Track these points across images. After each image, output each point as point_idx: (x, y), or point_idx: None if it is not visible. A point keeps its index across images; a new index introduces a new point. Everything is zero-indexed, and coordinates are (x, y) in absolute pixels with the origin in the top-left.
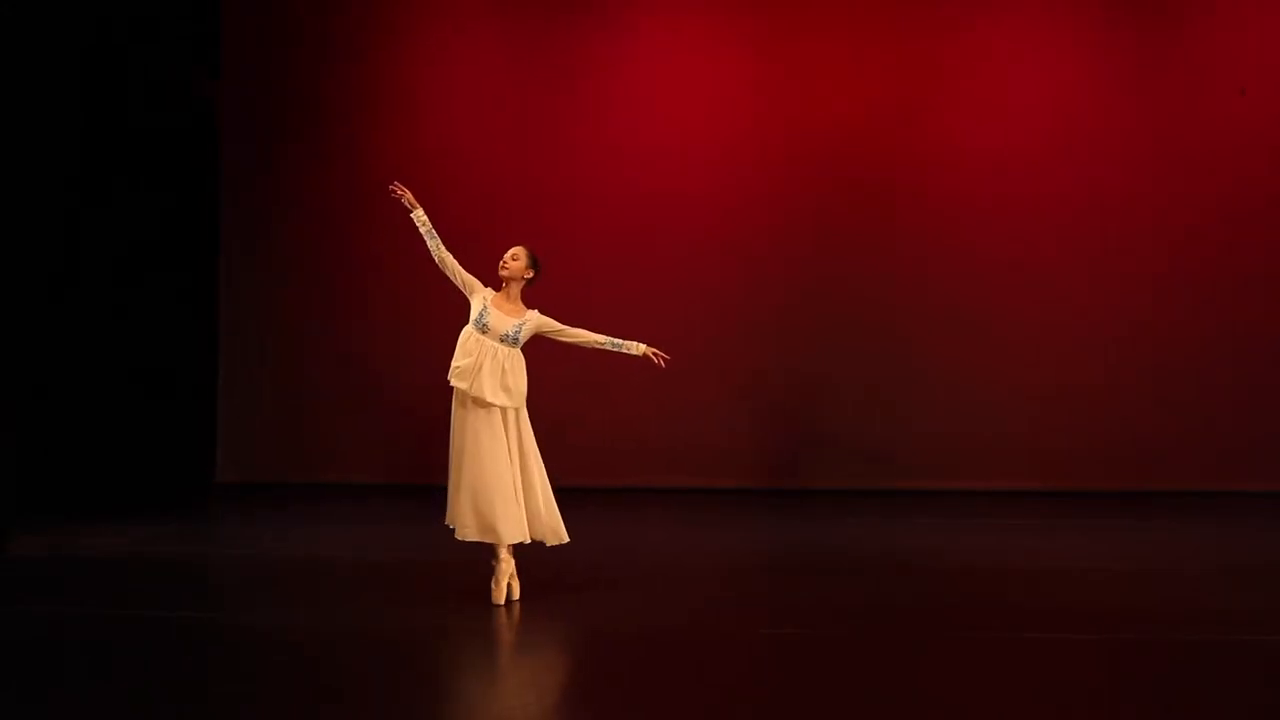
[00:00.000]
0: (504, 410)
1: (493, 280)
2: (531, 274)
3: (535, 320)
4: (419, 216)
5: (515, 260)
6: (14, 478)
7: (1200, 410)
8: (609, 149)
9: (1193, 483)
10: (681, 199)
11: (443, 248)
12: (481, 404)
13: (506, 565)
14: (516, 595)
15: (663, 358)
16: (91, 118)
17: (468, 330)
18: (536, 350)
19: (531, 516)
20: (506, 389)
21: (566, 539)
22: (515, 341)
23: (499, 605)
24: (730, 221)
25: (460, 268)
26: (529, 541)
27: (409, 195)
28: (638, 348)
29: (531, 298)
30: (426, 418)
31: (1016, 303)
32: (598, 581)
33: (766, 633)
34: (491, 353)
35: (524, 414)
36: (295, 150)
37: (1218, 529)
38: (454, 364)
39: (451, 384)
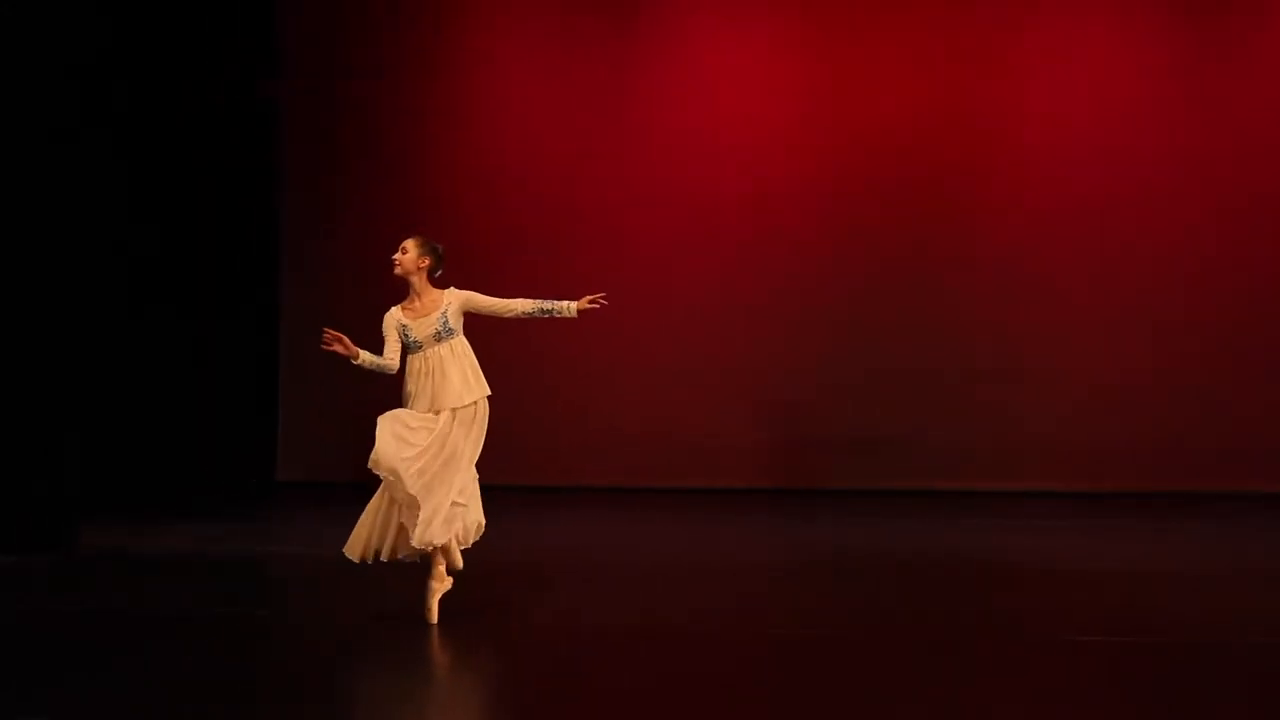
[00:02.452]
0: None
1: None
2: (428, 262)
3: (457, 298)
4: (365, 360)
5: (405, 254)
6: (81, 477)
7: (1248, 411)
8: (660, 150)
9: (1241, 484)
10: (729, 199)
11: (389, 357)
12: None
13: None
14: (433, 617)
15: (600, 299)
16: (153, 119)
17: (409, 359)
18: (545, 346)
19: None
20: (466, 383)
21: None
22: (451, 331)
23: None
24: (772, 222)
25: (386, 336)
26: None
27: (344, 342)
28: (571, 308)
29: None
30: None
31: (1065, 302)
32: (620, 580)
33: (787, 634)
34: (436, 362)
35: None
36: (355, 150)
37: (1263, 532)
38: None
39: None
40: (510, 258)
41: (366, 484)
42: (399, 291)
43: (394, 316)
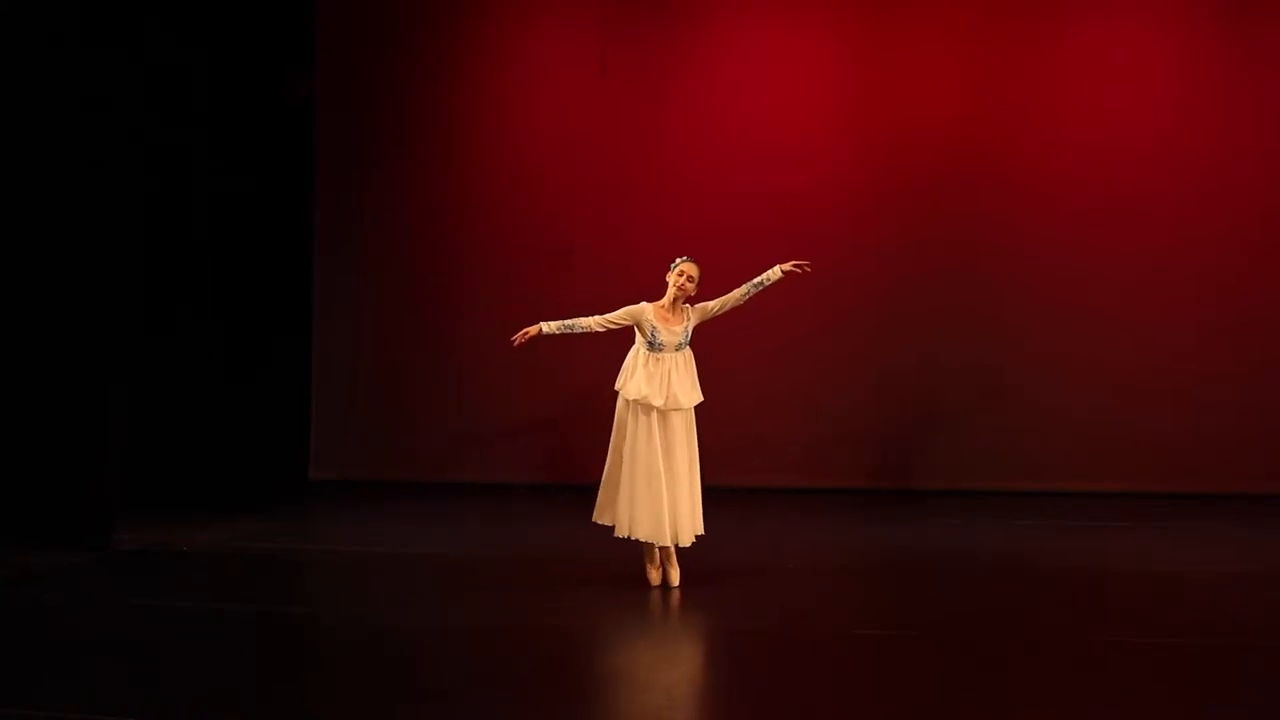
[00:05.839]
0: (676, 413)
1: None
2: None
3: (695, 314)
4: (550, 329)
5: (693, 282)
6: (117, 474)
7: None
8: (702, 149)
9: None
10: (772, 199)
11: (594, 321)
12: (660, 410)
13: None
14: (675, 581)
15: (804, 266)
16: (186, 115)
17: (640, 351)
18: (602, 349)
19: (680, 517)
20: (695, 388)
21: (700, 531)
22: (687, 344)
23: (656, 586)
24: (816, 222)
25: (618, 315)
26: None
27: (529, 332)
28: (777, 272)
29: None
30: (518, 416)
31: (1130, 300)
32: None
33: (889, 634)
34: (671, 365)
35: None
36: (388, 149)
37: None
38: (636, 384)
39: (643, 402)
40: (546, 256)
41: (395, 483)
42: (434, 289)
43: (647, 313)
